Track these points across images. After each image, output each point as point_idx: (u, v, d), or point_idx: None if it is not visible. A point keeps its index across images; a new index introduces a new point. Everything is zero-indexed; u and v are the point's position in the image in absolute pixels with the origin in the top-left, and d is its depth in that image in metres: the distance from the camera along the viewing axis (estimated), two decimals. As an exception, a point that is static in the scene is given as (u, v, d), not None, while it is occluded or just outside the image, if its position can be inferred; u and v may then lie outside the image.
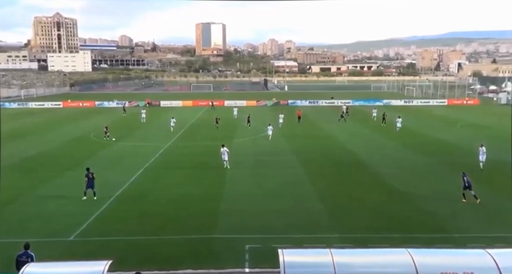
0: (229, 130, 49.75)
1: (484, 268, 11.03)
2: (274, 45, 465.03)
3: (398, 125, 47.56)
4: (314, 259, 12.06)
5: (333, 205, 22.80)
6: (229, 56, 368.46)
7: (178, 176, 28.97)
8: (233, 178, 28.32)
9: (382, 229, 19.40)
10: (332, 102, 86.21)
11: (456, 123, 55.09)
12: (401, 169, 30.58)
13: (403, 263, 11.32)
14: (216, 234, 18.96)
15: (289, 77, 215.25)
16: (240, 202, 23.39)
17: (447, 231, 19.15)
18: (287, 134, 47.31)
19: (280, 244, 14.96)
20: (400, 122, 47.71)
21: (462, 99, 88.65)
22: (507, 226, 19.61)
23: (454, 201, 23.27)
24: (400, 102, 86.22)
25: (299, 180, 27.85)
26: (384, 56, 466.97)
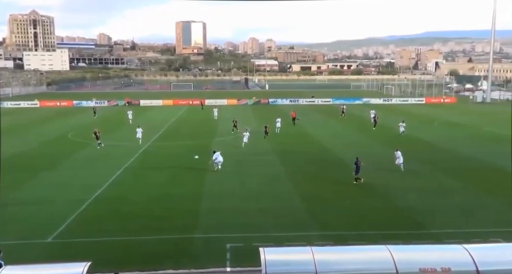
0: (209, 130, 49.58)
1: (460, 263, 11.25)
2: (255, 43, 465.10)
3: (402, 129, 44.33)
4: (295, 257, 12.12)
5: (313, 203, 22.94)
6: (209, 55, 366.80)
7: (159, 176, 28.72)
8: (214, 177, 28.23)
9: (361, 226, 19.61)
10: (312, 101, 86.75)
11: (433, 121, 56.02)
12: (378, 167, 30.94)
13: (382, 259, 11.46)
14: (197, 233, 18.87)
15: (270, 76, 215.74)
16: (221, 201, 23.33)
17: (425, 227, 19.47)
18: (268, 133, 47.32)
19: (261, 243, 14.95)
20: (403, 126, 44.53)
21: (439, 98, 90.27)
22: (483, 222, 20.07)
23: (431, 198, 23.68)
24: (379, 100, 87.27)
25: (280, 179, 27.94)
26: (363, 55, 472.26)
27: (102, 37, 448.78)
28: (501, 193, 24.32)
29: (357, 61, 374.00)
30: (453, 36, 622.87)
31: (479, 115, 64.12)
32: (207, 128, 50.65)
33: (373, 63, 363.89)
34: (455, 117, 61.26)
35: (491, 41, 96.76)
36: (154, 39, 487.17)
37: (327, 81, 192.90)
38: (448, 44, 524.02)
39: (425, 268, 11.01)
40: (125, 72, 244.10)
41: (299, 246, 13.45)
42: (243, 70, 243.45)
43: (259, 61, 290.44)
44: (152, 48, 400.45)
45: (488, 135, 45.21)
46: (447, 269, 11.04)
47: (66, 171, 30.18)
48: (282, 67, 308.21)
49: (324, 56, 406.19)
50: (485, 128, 50.34)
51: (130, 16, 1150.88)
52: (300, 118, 53.53)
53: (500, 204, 22.58)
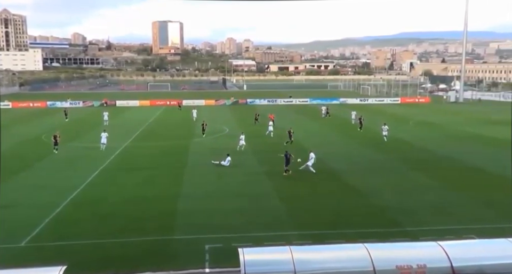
0: (187, 130, 49.27)
1: (435, 260, 11.47)
2: (233, 44, 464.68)
3: (384, 133, 41.43)
4: (274, 257, 12.15)
5: (292, 202, 23.06)
6: (186, 55, 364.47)
7: (136, 177, 28.39)
8: (192, 178, 28.08)
9: (339, 225, 19.81)
10: (290, 101, 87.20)
11: (408, 121, 57.05)
12: (356, 166, 31.37)
13: (360, 257, 11.59)
14: (175, 235, 18.73)
15: (248, 76, 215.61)
16: (199, 202, 23.22)
17: (401, 225, 19.80)
18: (246, 133, 47.34)
19: (240, 243, 14.96)
20: (386, 130, 41.57)
21: (414, 98, 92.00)
22: (457, 219, 20.54)
23: (407, 196, 24.11)
24: (356, 100, 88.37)
25: (258, 179, 27.98)
26: (340, 56, 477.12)
27: (76, 37, 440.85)
28: (474, 191, 24.96)
29: (334, 61, 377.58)
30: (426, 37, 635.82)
31: (452, 114, 65.61)
32: (185, 129, 50.35)
33: (349, 63, 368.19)
34: (429, 117, 62.50)
35: (463, 42, 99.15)
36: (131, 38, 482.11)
37: (305, 81, 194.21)
38: (422, 45, 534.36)
39: (401, 266, 11.19)
40: (101, 72, 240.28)
41: (278, 246, 13.48)
42: (221, 70, 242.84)
43: (237, 61, 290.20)
44: (128, 48, 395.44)
45: (462, 134, 46.28)
46: (423, 265, 11.25)
47: (41, 174, 29.54)
48: (260, 67, 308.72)
49: (301, 56, 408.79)
50: (459, 127, 51.53)
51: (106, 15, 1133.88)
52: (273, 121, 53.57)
53: (473, 201, 23.16)
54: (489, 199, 23.43)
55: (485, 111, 70.45)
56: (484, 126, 51.69)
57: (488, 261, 11.67)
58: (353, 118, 54.32)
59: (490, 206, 22.44)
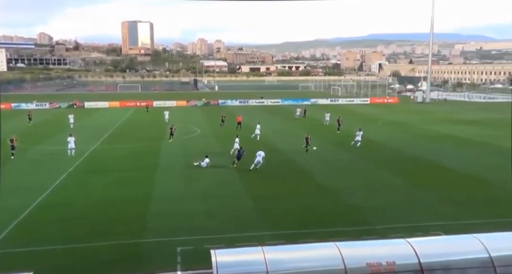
0: (158, 131, 48.71)
1: (404, 256, 11.74)
2: (204, 44, 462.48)
3: (358, 138, 38.93)
4: (246, 258, 12.17)
5: (264, 203, 23.12)
6: (157, 56, 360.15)
7: (105, 180, 27.85)
8: (163, 180, 27.77)
9: (311, 224, 19.99)
10: (262, 102, 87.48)
11: (377, 120, 58.16)
12: (326, 165, 31.74)
13: (331, 256, 11.74)
14: (146, 238, 18.47)
15: (219, 77, 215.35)
16: (170, 204, 22.99)
17: (371, 223, 20.15)
18: (219, 134, 47.27)
19: (212, 245, 14.91)
20: (360, 135, 39.03)
21: (383, 98, 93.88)
22: (424, 216, 21.05)
23: (376, 195, 24.56)
24: (326, 101, 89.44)
25: (229, 179, 27.93)
26: (311, 57, 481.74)
27: (42, 36, 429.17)
28: (440, 188, 25.67)
29: (305, 62, 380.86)
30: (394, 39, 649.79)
31: (419, 114, 67.27)
32: (156, 130, 49.74)
33: (320, 64, 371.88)
34: (397, 116, 63.91)
35: (430, 44, 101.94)
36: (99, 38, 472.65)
37: (276, 82, 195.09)
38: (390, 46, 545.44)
39: (371, 263, 11.40)
40: (68, 73, 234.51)
41: (250, 246, 13.50)
42: (192, 71, 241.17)
43: (208, 62, 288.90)
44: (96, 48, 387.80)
45: (429, 133, 47.50)
46: (392, 262, 11.49)
47: (6, 177, 28.53)
48: (231, 68, 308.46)
49: (272, 57, 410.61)
50: (426, 126, 52.89)
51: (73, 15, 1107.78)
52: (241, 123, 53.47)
53: (439, 199, 23.80)
54: (456, 196, 24.14)
55: (450, 110, 72.59)
56: (450, 125, 53.23)
57: (454, 256, 12.02)
58: (327, 119, 54.36)
59: (456, 203, 23.11)
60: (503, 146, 39.10)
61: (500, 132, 47.73)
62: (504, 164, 32.09)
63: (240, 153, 30.89)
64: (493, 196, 24.28)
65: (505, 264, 11.78)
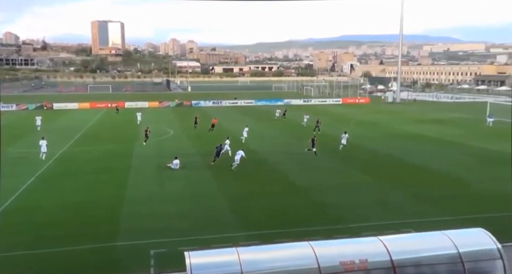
0: (130, 133, 48.02)
1: (376, 254, 11.96)
2: (176, 45, 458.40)
3: (343, 142, 37.83)
4: (221, 259, 12.14)
5: (238, 203, 23.11)
6: (128, 56, 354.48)
7: (76, 182, 27.25)
8: (135, 182, 27.38)
9: (285, 223, 20.09)
10: (235, 102, 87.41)
11: (349, 120, 58.98)
12: (300, 165, 31.98)
13: (305, 255, 11.85)
14: (118, 241, 18.16)
15: (192, 78, 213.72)
16: (143, 206, 22.69)
17: (344, 221, 20.41)
18: (192, 135, 46.98)
19: (186, 247, 14.80)
20: (346, 138, 37.98)
21: (354, 98, 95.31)
22: (396, 214, 21.48)
23: (349, 194, 24.91)
24: (299, 101, 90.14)
25: (204, 180, 27.79)
26: (284, 57, 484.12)
27: (8, 36, 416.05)
28: (410, 187, 26.24)
29: (278, 62, 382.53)
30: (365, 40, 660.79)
31: (390, 114, 68.60)
32: (128, 132, 49.01)
33: (293, 65, 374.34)
34: (369, 116, 64.99)
35: (399, 45, 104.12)
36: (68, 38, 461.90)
37: (249, 82, 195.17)
38: (361, 47, 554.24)
39: (344, 261, 11.56)
40: (36, 74, 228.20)
41: (225, 248, 13.46)
42: (164, 72, 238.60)
43: (181, 62, 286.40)
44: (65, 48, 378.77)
45: (399, 132, 48.50)
46: (365, 260, 11.69)
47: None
48: (204, 68, 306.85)
49: (245, 58, 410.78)
50: (396, 126, 53.99)
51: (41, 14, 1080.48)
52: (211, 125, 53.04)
53: (410, 197, 24.33)
54: (425, 194, 24.72)
55: (420, 110, 74.30)
56: (420, 125, 54.49)
57: (424, 253, 12.32)
58: (305, 121, 53.74)
59: (426, 200, 23.67)
60: (470, 145, 40.32)
61: (467, 131, 49.22)
62: (471, 162, 33.11)
63: (218, 150, 31.92)
64: (461, 193, 24.98)
65: (473, 259, 12.15)
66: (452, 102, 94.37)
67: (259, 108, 77.81)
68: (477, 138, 44.24)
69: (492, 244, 12.35)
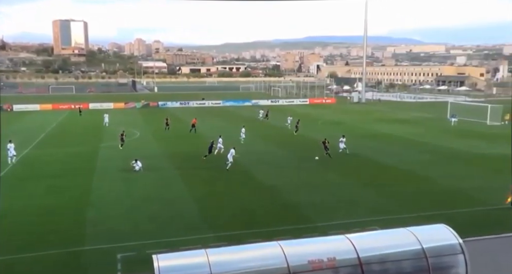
0: (95, 134, 46.95)
1: (344, 252, 12.16)
2: (142, 44, 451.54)
3: (342, 146, 36.66)
4: (190, 261, 12.04)
5: (207, 205, 22.99)
6: (92, 56, 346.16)
7: (38, 186, 26.38)
8: (101, 185, 26.78)
9: (255, 224, 20.13)
10: (203, 103, 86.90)
11: (317, 120, 59.70)
12: (269, 165, 32.12)
13: (274, 255, 11.91)
14: (84, 245, 17.72)
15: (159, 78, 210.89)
16: (110, 210, 22.23)
17: (312, 220, 20.64)
18: (159, 136, 46.40)
19: (154, 250, 14.59)
20: (344, 142, 36.76)
21: (321, 99, 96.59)
22: (361, 212, 21.90)
23: (317, 192, 25.20)
24: (267, 101, 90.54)
25: (172, 182, 27.49)
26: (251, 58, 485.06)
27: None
28: (376, 184, 26.82)
29: (245, 63, 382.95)
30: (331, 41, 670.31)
31: (356, 114, 69.89)
32: (92, 134, 47.91)
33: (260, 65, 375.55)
34: (336, 116, 66.00)
35: (364, 46, 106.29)
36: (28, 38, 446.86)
37: (217, 83, 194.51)
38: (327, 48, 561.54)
39: (313, 260, 11.69)
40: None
41: (193, 250, 13.35)
42: (130, 72, 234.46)
43: (147, 63, 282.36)
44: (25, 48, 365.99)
45: (365, 132, 49.47)
46: (333, 258, 11.85)
47: None
48: (171, 69, 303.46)
49: (212, 58, 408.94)
50: (362, 125, 55.05)
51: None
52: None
53: (375, 194, 24.86)
54: (391, 192, 25.32)
55: (384, 110, 76.05)
56: (384, 124, 55.75)
57: (390, 250, 12.61)
58: (289, 123, 52.84)
59: (391, 198, 24.25)
60: (432, 143, 41.60)
61: (429, 130, 50.75)
62: (433, 160, 34.14)
63: (211, 146, 34.11)
64: (424, 190, 25.73)
65: (436, 254, 12.54)
66: (415, 102, 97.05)
67: (226, 108, 77.59)
68: (439, 136, 45.68)
69: (453, 239, 12.77)
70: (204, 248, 12.68)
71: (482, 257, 15.50)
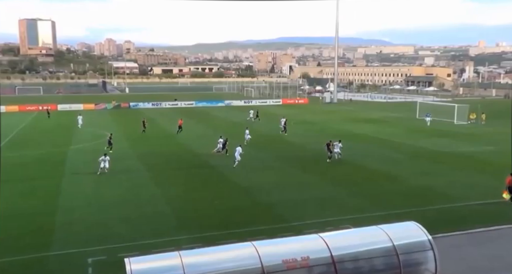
0: (64, 136, 45.85)
1: (317, 251, 12.27)
2: (112, 45, 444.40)
3: (337, 150, 34.72)
4: (163, 264, 11.92)
5: (180, 207, 22.78)
6: (60, 56, 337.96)
7: (6, 191, 25.46)
8: (71, 188, 26.18)
9: (229, 225, 20.06)
10: (176, 104, 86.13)
11: (290, 121, 59.96)
12: (242, 166, 32.05)
13: (248, 255, 11.92)
14: (53, 251, 17.27)
15: (130, 79, 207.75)
16: (80, 213, 21.74)
17: (287, 220, 20.73)
18: (130, 138, 45.72)
19: (126, 253, 14.36)
20: (340, 147, 34.77)
21: (294, 99, 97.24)
22: (334, 211, 22.14)
23: (291, 193, 25.34)
24: (240, 102, 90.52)
25: (144, 184, 27.12)
26: (224, 58, 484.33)
27: None
28: (348, 184, 27.17)
29: (218, 64, 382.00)
30: (303, 42, 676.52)
31: (328, 114, 70.67)
32: (61, 135, 46.78)
33: (233, 66, 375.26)
34: (308, 116, 66.53)
35: (335, 47, 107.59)
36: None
37: (190, 84, 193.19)
38: (299, 49, 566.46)
39: (287, 259, 11.75)
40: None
41: (167, 252, 13.20)
42: (100, 73, 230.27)
43: (117, 63, 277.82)
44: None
45: (337, 132, 49.92)
46: (306, 257, 11.95)
47: None
48: (142, 69, 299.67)
49: (185, 59, 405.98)
50: (334, 125, 55.68)
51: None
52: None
53: (348, 193, 25.18)
54: (363, 190, 25.70)
55: (356, 110, 77.20)
56: (356, 124, 56.58)
57: (362, 248, 12.80)
58: (282, 125, 51.13)
59: (364, 196, 24.61)
60: (402, 142, 42.47)
61: (399, 130, 51.80)
62: (403, 159, 34.87)
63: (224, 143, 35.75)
64: (395, 188, 26.24)
65: (407, 251, 12.81)
66: (385, 102, 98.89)
67: (199, 109, 77.09)
68: (409, 136, 46.69)
69: (423, 236, 13.07)
70: (177, 250, 12.56)
71: (451, 253, 15.93)
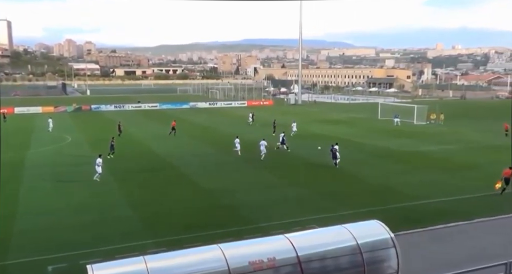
0: (22, 140, 44.19)
1: (283, 252, 12.33)
2: (72, 45, 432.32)
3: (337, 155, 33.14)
4: (127, 269, 11.68)
5: (145, 211, 22.39)
6: (17, 57, 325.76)
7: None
8: (29, 193, 25.25)
9: (195, 228, 19.86)
10: (139, 106, 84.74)
11: (255, 122, 60.20)
12: (206, 168, 31.92)
13: (215, 258, 11.83)
14: (10, 259, 16.58)
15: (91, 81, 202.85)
16: (39, 220, 20.99)
17: (254, 222, 20.74)
18: (92, 141, 44.58)
19: (88, 260, 13.95)
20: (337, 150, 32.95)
21: (259, 101, 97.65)
22: (301, 211, 22.33)
23: (257, 194, 25.40)
24: (205, 104, 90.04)
25: (107, 189, 26.48)
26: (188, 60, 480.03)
27: None
28: (313, 184, 27.49)
29: (182, 65, 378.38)
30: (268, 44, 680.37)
31: (293, 115, 71.18)
32: (19, 139, 44.99)
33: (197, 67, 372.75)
34: (273, 118, 66.63)
35: (299, 49, 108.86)
36: None
37: (153, 85, 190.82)
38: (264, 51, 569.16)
39: (253, 261, 11.75)
40: None
41: (131, 257, 12.92)
42: (60, 74, 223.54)
43: (78, 65, 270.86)
44: None
45: (302, 133, 50.57)
46: (273, 258, 11.98)
47: None
48: (104, 71, 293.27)
49: (148, 60, 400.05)
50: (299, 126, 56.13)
51: None
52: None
53: (314, 194, 25.47)
54: (327, 190, 26.07)
55: (320, 111, 78.30)
56: (321, 125, 57.39)
57: (327, 247, 12.96)
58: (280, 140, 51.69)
59: (328, 196, 24.96)
60: (364, 143, 43.40)
61: (362, 130, 52.91)
62: (366, 159, 35.63)
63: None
64: (359, 188, 26.77)
65: (370, 249, 13.07)
66: (348, 103, 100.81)
67: (164, 111, 76.08)
68: (371, 136, 47.77)
69: (385, 234, 13.37)
70: (142, 254, 12.32)
71: (412, 250, 16.38)
